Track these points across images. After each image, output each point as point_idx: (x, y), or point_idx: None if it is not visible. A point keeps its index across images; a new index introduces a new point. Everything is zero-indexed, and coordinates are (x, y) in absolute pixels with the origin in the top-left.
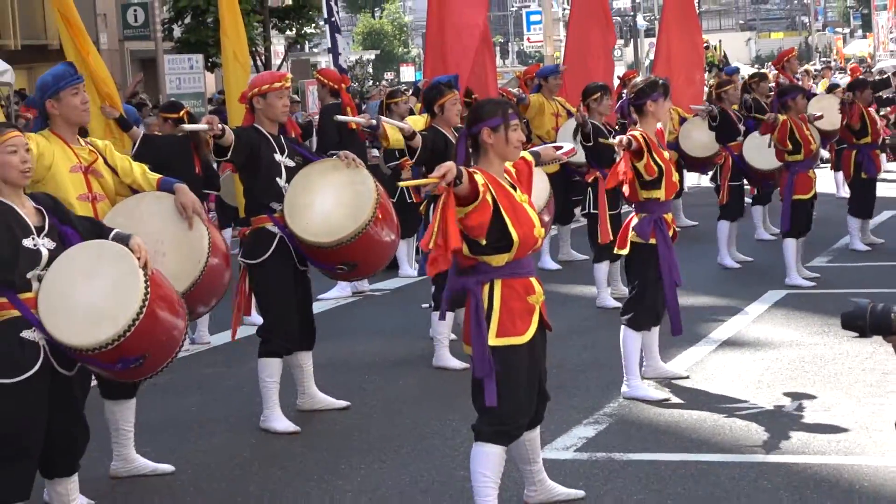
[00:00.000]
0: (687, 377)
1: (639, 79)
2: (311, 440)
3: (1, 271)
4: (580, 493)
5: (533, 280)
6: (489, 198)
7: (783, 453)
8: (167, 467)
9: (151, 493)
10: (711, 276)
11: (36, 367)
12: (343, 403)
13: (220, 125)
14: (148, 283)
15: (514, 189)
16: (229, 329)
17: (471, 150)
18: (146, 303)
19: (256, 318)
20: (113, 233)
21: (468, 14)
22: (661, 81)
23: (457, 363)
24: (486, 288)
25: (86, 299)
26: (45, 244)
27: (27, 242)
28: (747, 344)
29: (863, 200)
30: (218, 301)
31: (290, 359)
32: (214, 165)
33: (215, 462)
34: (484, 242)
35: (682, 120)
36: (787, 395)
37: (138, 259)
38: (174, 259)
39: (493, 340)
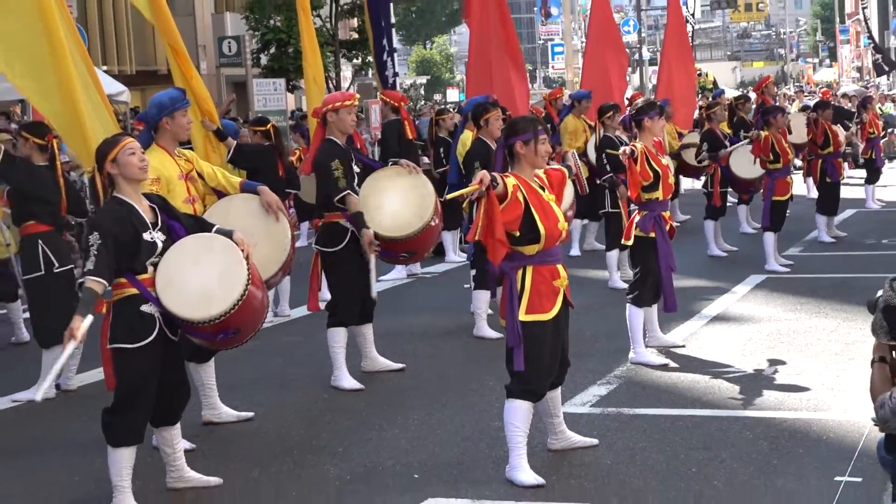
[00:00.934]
0: (683, 346)
1: (640, 100)
2: (373, 396)
3: (127, 261)
4: (594, 441)
5: (559, 267)
6: (520, 197)
7: (762, 409)
8: (248, 414)
9: (240, 436)
10: (703, 263)
11: (153, 336)
12: (399, 366)
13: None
14: (249, 271)
15: (543, 190)
16: (304, 304)
17: (507, 158)
18: (247, 288)
19: (325, 294)
20: (215, 228)
21: (500, 46)
22: (657, 103)
23: (493, 333)
24: (520, 273)
25: (196, 281)
26: (158, 237)
27: (146, 236)
28: (733, 319)
29: (828, 201)
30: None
31: (354, 329)
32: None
33: (293, 413)
34: (518, 234)
35: (680, 135)
36: (765, 361)
37: (242, 251)
38: (264, 248)
39: (522, 316)
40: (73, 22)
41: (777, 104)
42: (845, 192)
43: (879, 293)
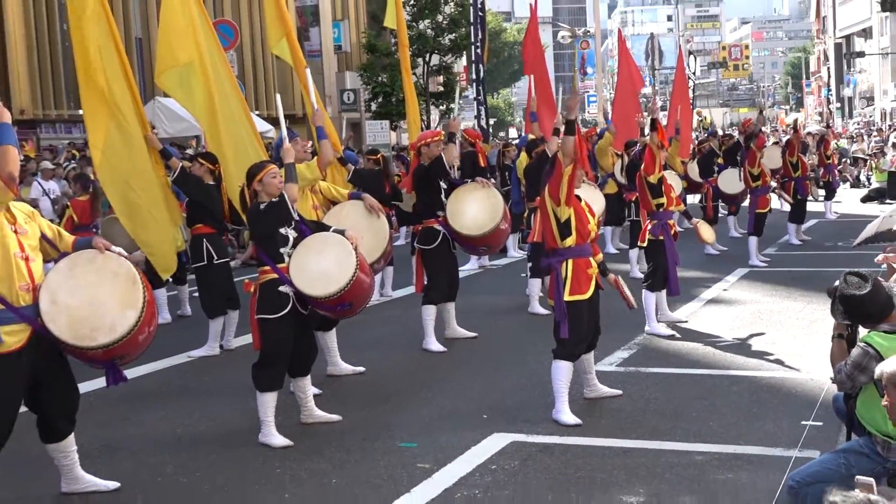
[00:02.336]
0: (686, 321)
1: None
2: (453, 356)
3: (272, 246)
4: (619, 392)
5: (591, 259)
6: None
7: (746, 369)
8: (360, 368)
9: (354, 385)
10: (701, 260)
11: (287, 309)
12: (472, 334)
13: None
14: (357, 259)
15: (580, 200)
16: (403, 288)
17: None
18: (357, 270)
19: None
20: (332, 228)
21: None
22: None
23: (543, 311)
24: (564, 265)
25: (319, 267)
26: (291, 233)
27: (282, 230)
28: (724, 301)
29: (797, 212)
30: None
31: (441, 306)
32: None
33: (394, 369)
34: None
35: (683, 162)
36: (748, 333)
37: (352, 244)
38: (369, 239)
39: (567, 297)
40: (234, 78)
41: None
42: (810, 206)
43: (836, 283)
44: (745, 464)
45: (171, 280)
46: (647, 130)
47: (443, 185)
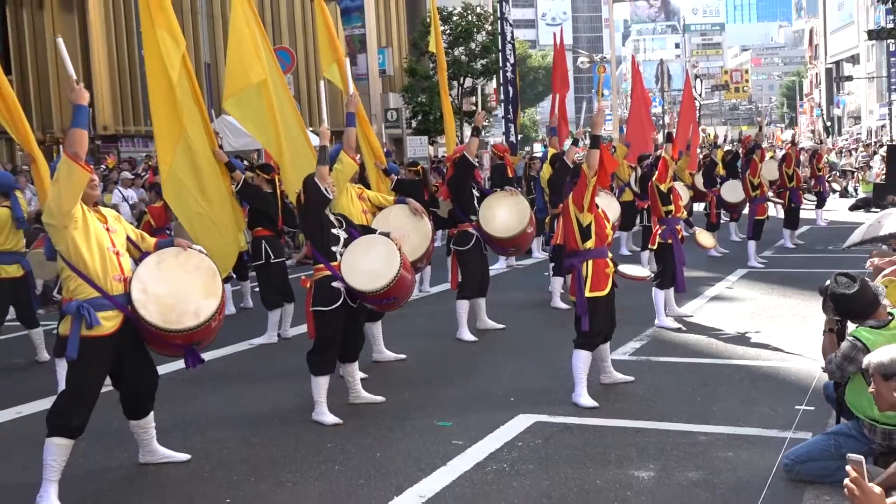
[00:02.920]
0: (691, 316)
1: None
2: (484, 346)
3: (326, 246)
4: (631, 378)
5: (608, 259)
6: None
7: (745, 359)
8: (402, 356)
9: (396, 369)
10: (705, 261)
11: (339, 303)
12: (500, 326)
13: None
14: (401, 258)
15: (598, 207)
16: (439, 284)
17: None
18: (400, 269)
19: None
20: (379, 231)
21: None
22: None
23: (564, 306)
24: (584, 265)
25: (367, 265)
26: (342, 233)
27: (334, 231)
28: (725, 298)
29: (792, 219)
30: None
31: (473, 301)
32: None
33: (431, 356)
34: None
35: (691, 174)
36: (747, 327)
37: (396, 245)
38: (414, 238)
39: (587, 294)
40: (292, 97)
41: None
42: (802, 214)
43: (827, 283)
44: (744, 443)
45: (234, 276)
46: (660, 141)
47: (475, 192)
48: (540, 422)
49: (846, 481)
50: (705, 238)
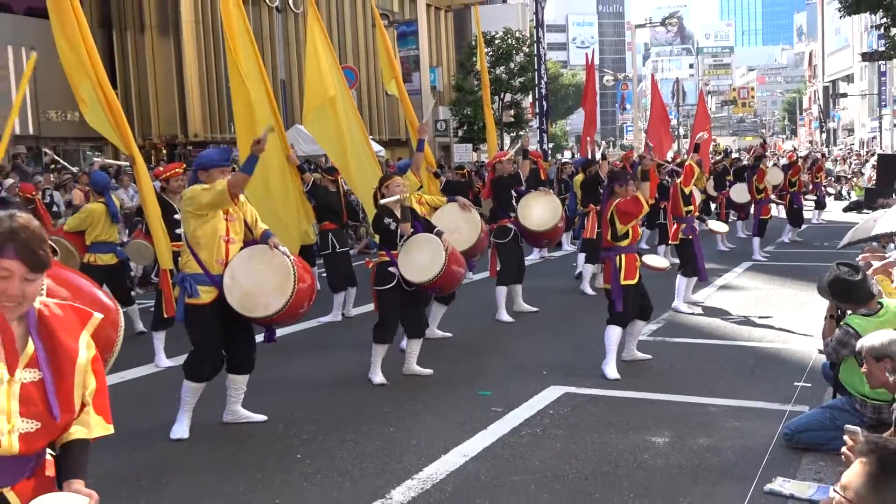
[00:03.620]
0: (703, 302)
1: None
2: (520, 325)
3: (390, 237)
4: (649, 356)
5: (636, 254)
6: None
7: (750, 340)
8: (448, 334)
9: (441, 346)
10: (715, 254)
11: (393, 283)
12: (534, 309)
13: None
14: (447, 255)
15: None
16: (480, 272)
17: (610, 192)
18: (446, 263)
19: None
20: (436, 230)
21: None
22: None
23: (591, 291)
24: (618, 258)
25: (418, 261)
26: (406, 228)
27: (392, 226)
28: (732, 287)
29: (796, 218)
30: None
31: (511, 287)
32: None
33: (473, 333)
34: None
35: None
36: (752, 312)
37: (444, 244)
38: (465, 231)
39: (622, 282)
40: (356, 109)
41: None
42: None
43: (826, 274)
44: (748, 414)
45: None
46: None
47: (513, 193)
48: (568, 393)
49: (843, 449)
50: (718, 226)
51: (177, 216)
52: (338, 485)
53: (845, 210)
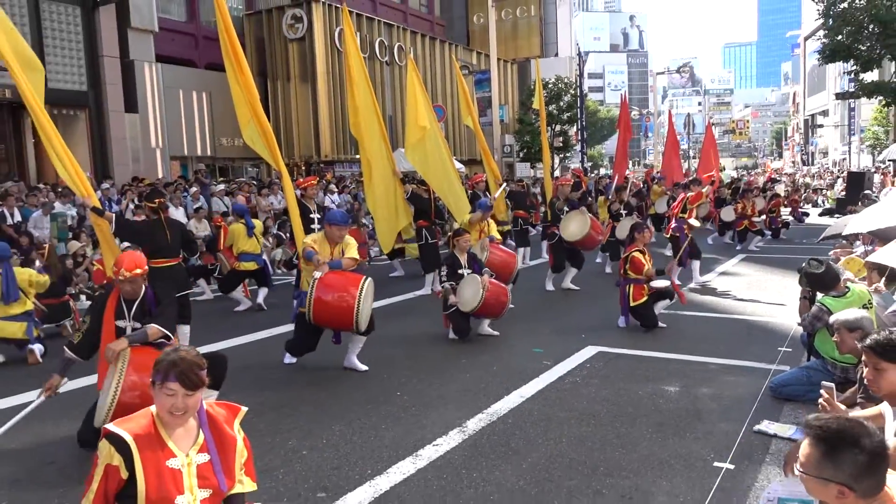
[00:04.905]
0: (709, 282)
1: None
2: (565, 300)
3: (453, 275)
4: (664, 325)
5: (645, 285)
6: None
7: (743, 314)
8: (495, 333)
9: (507, 315)
10: (715, 248)
11: (453, 309)
12: (577, 288)
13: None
14: (484, 294)
15: (644, 254)
16: (535, 259)
17: (631, 237)
18: (481, 301)
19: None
20: (483, 270)
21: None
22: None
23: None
24: (628, 287)
25: (465, 295)
26: (466, 271)
27: (460, 271)
28: (729, 273)
29: (775, 233)
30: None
31: (564, 272)
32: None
33: (529, 303)
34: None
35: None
36: (744, 292)
37: (482, 283)
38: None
39: (630, 304)
40: (444, 138)
41: (749, 188)
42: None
43: (803, 265)
44: (742, 371)
45: (389, 258)
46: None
47: (566, 208)
48: (602, 351)
49: (820, 401)
50: (693, 222)
51: (312, 216)
52: (427, 416)
53: (821, 215)
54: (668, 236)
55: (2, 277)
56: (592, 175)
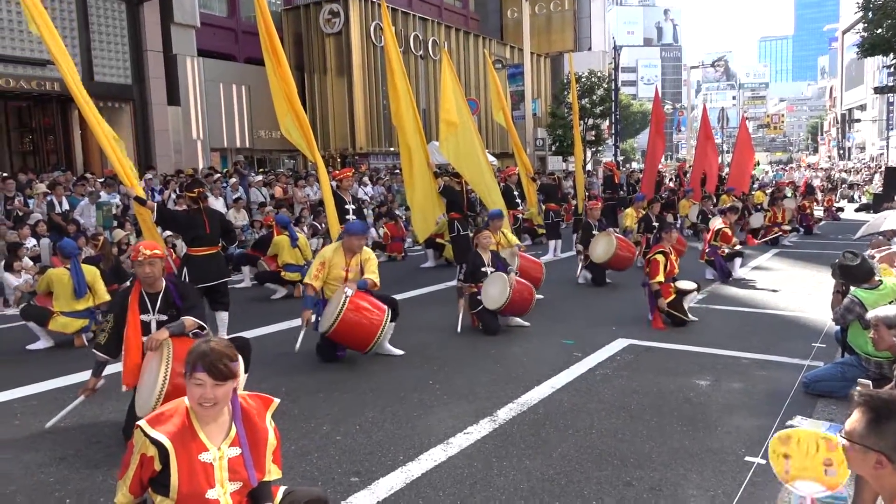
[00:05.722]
0: (743, 278)
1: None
2: (596, 294)
3: (478, 274)
4: (695, 319)
5: (670, 286)
6: (662, 258)
7: (777, 309)
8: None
9: (536, 307)
10: (750, 246)
11: (481, 307)
12: (609, 281)
13: None
14: (511, 292)
15: (672, 254)
16: (567, 252)
17: (657, 238)
18: (508, 299)
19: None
20: (508, 268)
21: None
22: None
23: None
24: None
25: (491, 293)
26: (489, 270)
27: (483, 269)
28: (763, 268)
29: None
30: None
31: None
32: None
33: (560, 296)
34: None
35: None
36: (779, 286)
37: (509, 281)
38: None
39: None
40: (477, 130)
41: (781, 193)
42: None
43: (837, 259)
44: (774, 366)
45: (424, 246)
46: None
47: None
48: (632, 344)
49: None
50: (714, 222)
51: (347, 206)
52: (458, 404)
53: (857, 210)
54: (704, 261)
55: (72, 273)
56: (625, 168)
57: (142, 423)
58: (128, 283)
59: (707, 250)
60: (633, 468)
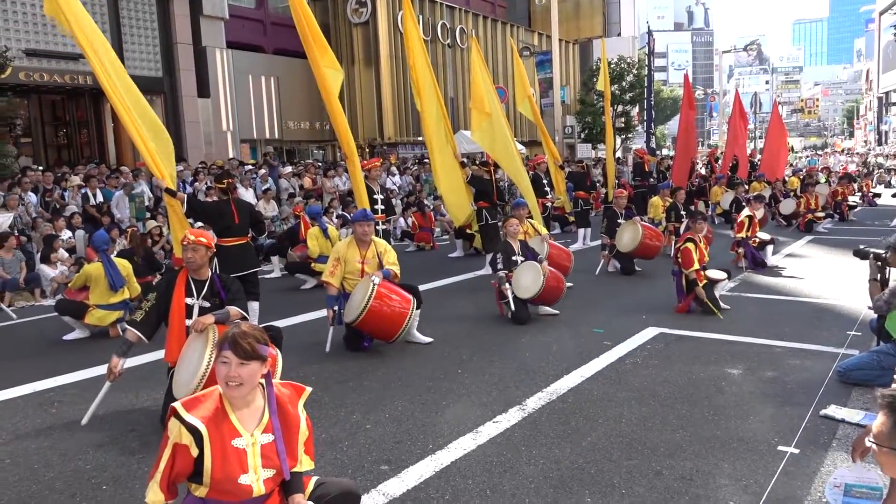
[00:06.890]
0: (776, 266)
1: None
2: (628, 282)
3: (508, 263)
4: (728, 307)
5: (701, 272)
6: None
7: (811, 297)
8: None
9: (566, 296)
10: (783, 231)
11: (510, 298)
12: (638, 269)
13: None
14: (544, 280)
15: (701, 242)
16: (593, 240)
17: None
18: (542, 287)
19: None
20: (539, 257)
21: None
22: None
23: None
24: (683, 276)
25: (522, 282)
26: (519, 258)
27: (514, 258)
28: (797, 255)
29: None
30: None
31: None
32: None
33: (590, 285)
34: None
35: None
36: (810, 273)
37: (543, 270)
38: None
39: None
40: (506, 117)
41: (813, 179)
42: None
43: (861, 246)
44: (808, 355)
45: (454, 234)
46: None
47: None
48: (663, 332)
49: (894, 386)
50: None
51: (375, 196)
52: (487, 393)
53: (894, 196)
54: (734, 252)
55: (104, 266)
56: (657, 155)
57: (177, 404)
58: (161, 273)
59: (737, 241)
60: (663, 457)
